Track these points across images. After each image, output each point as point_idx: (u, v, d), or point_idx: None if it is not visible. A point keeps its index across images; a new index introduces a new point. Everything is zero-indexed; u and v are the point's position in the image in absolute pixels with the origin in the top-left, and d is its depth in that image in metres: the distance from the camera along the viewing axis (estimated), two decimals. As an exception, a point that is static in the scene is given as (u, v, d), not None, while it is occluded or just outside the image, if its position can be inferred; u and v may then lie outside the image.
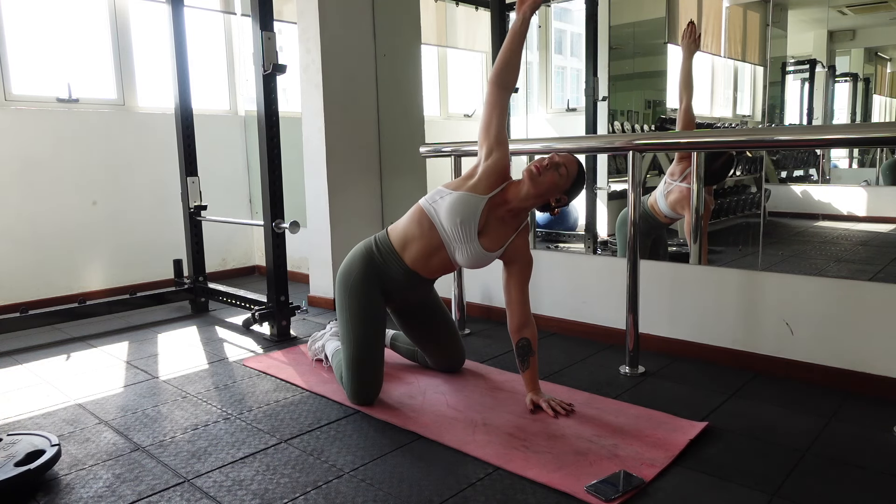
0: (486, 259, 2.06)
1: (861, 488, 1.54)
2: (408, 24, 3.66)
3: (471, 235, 2.01)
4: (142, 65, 3.94)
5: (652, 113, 4.15)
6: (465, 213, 1.99)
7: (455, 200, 2.00)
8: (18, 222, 3.47)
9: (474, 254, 2.03)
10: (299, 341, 2.86)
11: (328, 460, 1.72)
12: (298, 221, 2.83)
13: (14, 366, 2.60)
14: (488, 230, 2.02)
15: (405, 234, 2.08)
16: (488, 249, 2.03)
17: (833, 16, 3.23)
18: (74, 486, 1.62)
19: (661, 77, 4.04)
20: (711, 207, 3.12)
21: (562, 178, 1.99)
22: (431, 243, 2.05)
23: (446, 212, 2.00)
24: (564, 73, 5.27)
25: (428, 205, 2.05)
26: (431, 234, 2.04)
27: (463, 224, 1.99)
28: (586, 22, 4.18)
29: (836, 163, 3.46)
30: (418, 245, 2.06)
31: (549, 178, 1.98)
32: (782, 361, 2.29)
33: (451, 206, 2.00)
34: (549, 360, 2.49)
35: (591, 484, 1.54)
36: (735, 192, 3.56)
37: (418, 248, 2.06)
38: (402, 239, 2.08)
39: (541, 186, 1.98)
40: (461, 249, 2.03)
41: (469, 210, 1.99)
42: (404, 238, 2.08)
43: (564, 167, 2.00)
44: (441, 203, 2.02)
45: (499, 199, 2.03)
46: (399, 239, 2.09)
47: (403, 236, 2.08)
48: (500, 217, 2.03)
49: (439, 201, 2.03)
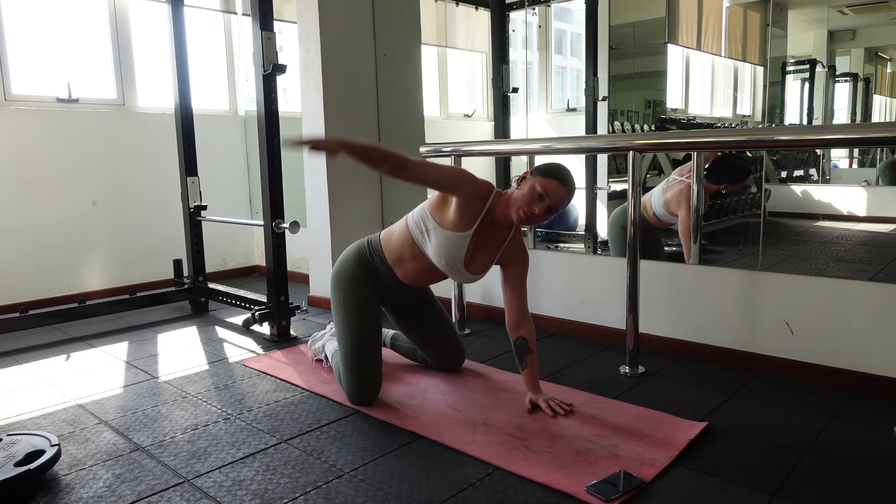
0: (482, 277, 2.11)
1: (861, 488, 1.54)
2: (408, 24, 3.66)
3: (459, 269, 2.03)
4: (142, 65, 3.94)
5: (652, 113, 4.15)
6: (450, 254, 1.99)
7: (440, 244, 1.98)
8: (18, 222, 3.47)
9: (467, 279, 2.09)
10: (299, 341, 2.86)
11: (328, 460, 1.72)
12: (298, 221, 2.83)
13: (14, 366, 2.60)
14: (477, 257, 2.04)
15: (398, 254, 2.09)
16: (480, 272, 2.07)
17: (833, 16, 3.23)
18: (74, 486, 1.62)
19: (661, 77, 4.04)
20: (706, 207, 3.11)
21: (553, 209, 1.91)
22: (424, 266, 2.08)
23: (433, 252, 2.02)
24: (564, 73, 5.27)
25: (417, 233, 2.04)
26: (423, 259, 2.07)
27: (449, 263, 2.02)
28: (586, 22, 4.18)
29: (836, 163, 3.46)
30: (411, 266, 2.09)
31: (540, 216, 1.91)
32: (782, 361, 2.29)
33: (437, 249, 2.00)
34: (548, 360, 2.49)
35: (591, 484, 1.54)
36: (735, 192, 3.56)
37: (412, 269, 2.10)
38: (394, 256, 2.10)
39: (536, 221, 1.94)
40: (455, 275, 2.08)
41: (454, 250, 1.99)
42: (397, 257, 2.10)
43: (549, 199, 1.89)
44: (428, 240, 2.01)
45: (486, 224, 1.99)
46: (392, 255, 2.10)
47: (397, 253, 2.09)
48: (490, 237, 2.03)
49: (426, 235, 2.01)
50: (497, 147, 3.71)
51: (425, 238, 2.02)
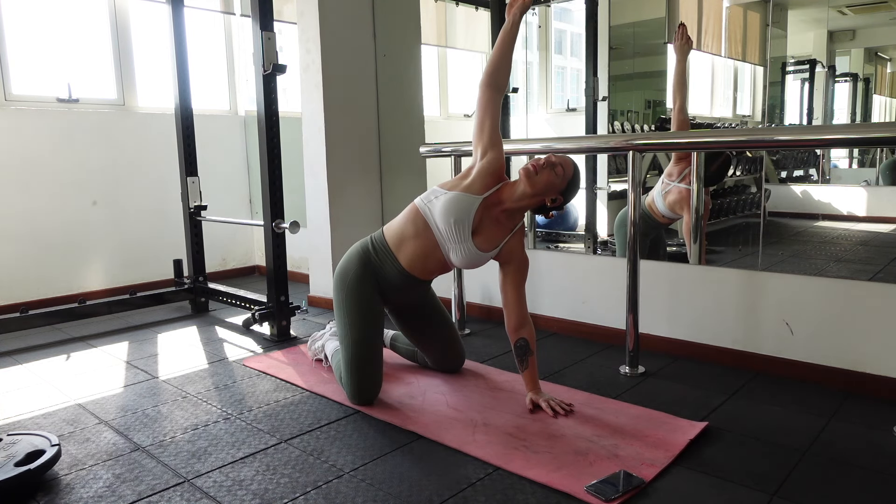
0: (481, 259, 2.07)
1: (861, 488, 1.54)
2: (408, 24, 3.66)
3: (465, 235, 2.01)
4: (142, 65, 3.94)
5: (652, 113, 4.15)
6: (459, 212, 1.99)
7: (449, 200, 2.01)
8: (18, 222, 3.47)
9: (468, 253, 2.04)
10: (299, 341, 2.86)
11: (328, 460, 1.72)
12: (298, 221, 2.83)
13: (14, 366, 2.60)
14: (482, 230, 2.03)
15: (400, 232, 2.09)
16: (482, 249, 2.03)
17: (833, 16, 3.23)
18: (74, 486, 1.62)
19: (661, 77, 4.04)
20: (709, 207, 3.12)
21: (558, 178, 2.00)
22: (426, 243, 2.06)
23: (440, 211, 2.01)
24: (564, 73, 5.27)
25: (423, 204, 2.06)
26: (426, 233, 2.05)
27: (457, 223, 2.00)
28: (586, 22, 4.18)
29: (836, 163, 3.46)
30: (413, 245, 2.07)
31: (545, 176, 1.98)
32: (782, 361, 2.29)
33: (446, 205, 2.00)
34: (548, 360, 2.49)
35: (591, 484, 1.54)
36: (735, 192, 3.56)
37: (413, 248, 2.07)
38: (397, 238, 2.09)
39: (537, 185, 1.98)
40: (455, 249, 2.04)
41: (463, 210, 1.99)
42: (399, 237, 2.08)
43: (561, 167, 2.01)
44: (436, 203, 2.03)
45: (493, 199, 2.03)
46: (394, 238, 2.09)
47: (398, 235, 2.09)
48: (494, 217, 2.04)
49: (434, 201, 2.04)
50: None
51: (433, 203, 2.03)
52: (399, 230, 2.09)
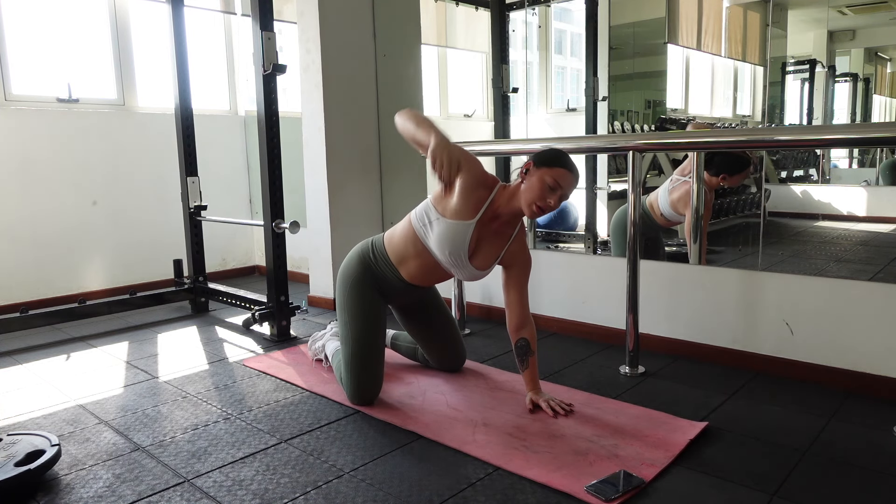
0: (484, 274, 2.07)
1: (861, 488, 1.54)
2: (408, 24, 3.66)
3: (463, 262, 2.01)
4: (142, 65, 3.94)
5: (652, 113, 4.15)
6: (452, 244, 1.97)
7: (442, 233, 1.97)
8: (18, 222, 3.47)
9: (471, 274, 2.05)
10: (299, 341, 2.86)
11: (328, 460, 1.72)
12: (298, 221, 2.83)
13: (14, 366, 2.60)
14: (481, 248, 2.01)
15: (402, 251, 2.08)
16: (483, 268, 2.04)
17: (833, 16, 3.23)
18: (74, 486, 1.62)
19: (661, 77, 4.04)
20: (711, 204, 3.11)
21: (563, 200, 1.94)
22: (428, 262, 2.06)
23: (435, 243, 2.00)
24: (564, 73, 5.27)
25: (419, 226, 2.03)
26: (426, 255, 2.05)
27: (452, 254, 1.99)
28: (586, 22, 4.18)
29: (836, 163, 3.46)
30: (415, 263, 2.07)
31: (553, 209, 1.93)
32: (782, 361, 2.29)
33: (439, 238, 1.98)
34: (548, 360, 2.49)
35: (591, 484, 1.54)
36: (735, 192, 3.56)
37: (415, 266, 2.08)
38: (398, 255, 2.08)
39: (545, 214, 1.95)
40: (457, 272, 2.06)
41: (457, 241, 1.97)
42: (401, 255, 2.08)
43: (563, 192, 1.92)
44: (430, 231, 2.00)
45: (489, 215, 1.99)
46: (395, 254, 2.09)
47: (400, 253, 2.08)
48: (493, 231, 2.01)
49: (428, 227, 2.00)
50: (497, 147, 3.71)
51: (428, 230, 2.00)
52: (400, 248, 2.08)
